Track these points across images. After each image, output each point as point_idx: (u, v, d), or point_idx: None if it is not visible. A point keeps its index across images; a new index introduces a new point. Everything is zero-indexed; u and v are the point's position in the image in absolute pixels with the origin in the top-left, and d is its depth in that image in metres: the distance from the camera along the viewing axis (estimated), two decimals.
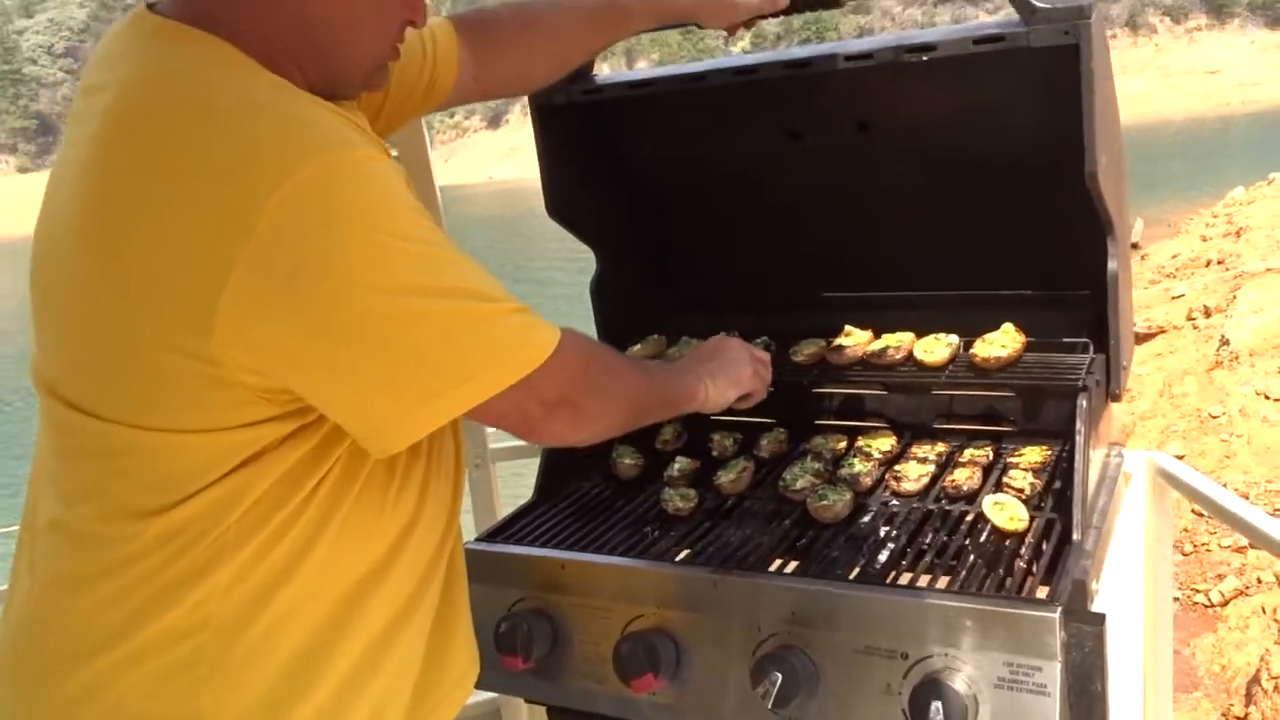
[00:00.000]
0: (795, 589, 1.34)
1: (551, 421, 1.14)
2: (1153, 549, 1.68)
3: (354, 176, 0.96)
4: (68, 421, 1.07)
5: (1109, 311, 1.53)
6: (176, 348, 0.96)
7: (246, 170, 0.93)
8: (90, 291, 1.01)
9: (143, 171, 0.97)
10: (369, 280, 0.95)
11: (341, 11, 1.08)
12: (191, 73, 1.01)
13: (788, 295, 1.81)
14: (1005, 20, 1.44)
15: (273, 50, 1.05)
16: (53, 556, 1.09)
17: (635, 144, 1.90)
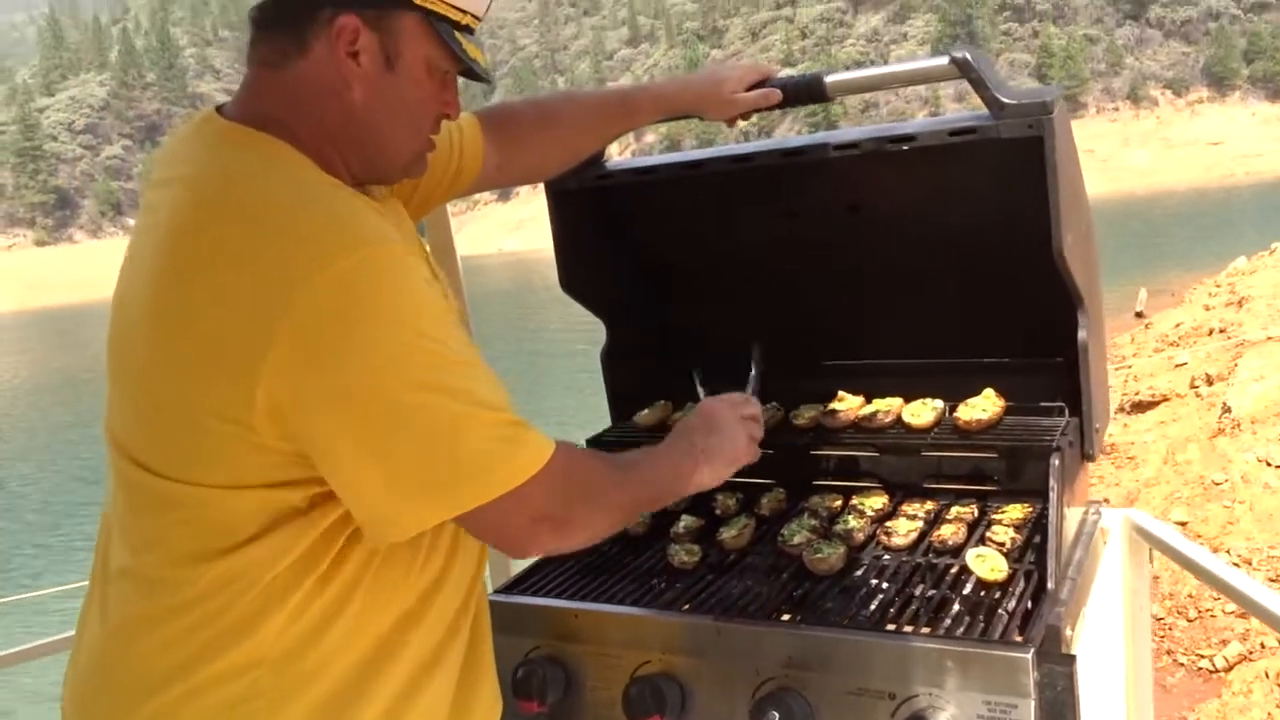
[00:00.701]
0: (792, 635, 1.45)
1: (537, 535, 1.19)
2: (1130, 600, 1.78)
3: (386, 272, 1.07)
4: (133, 476, 1.17)
5: (1081, 378, 1.65)
6: (224, 415, 1.07)
7: (292, 256, 1.05)
8: (155, 361, 1.13)
9: (205, 258, 1.09)
10: (386, 370, 1.05)
11: (383, 108, 1.20)
12: (251, 172, 1.14)
13: (785, 363, 1.93)
14: (977, 113, 1.59)
15: (321, 144, 1.18)
16: (122, 601, 1.19)
17: (642, 224, 2.05)
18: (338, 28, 1.16)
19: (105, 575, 1.23)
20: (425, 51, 1.21)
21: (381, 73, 1.19)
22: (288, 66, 1.18)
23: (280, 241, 1.07)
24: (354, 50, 1.17)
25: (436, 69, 1.23)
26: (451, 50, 1.21)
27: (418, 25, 1.19)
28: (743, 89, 1.67)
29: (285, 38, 1.18)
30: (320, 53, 1.17)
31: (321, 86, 1.18)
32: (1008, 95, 1.52)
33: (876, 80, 1.68)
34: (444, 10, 1.20)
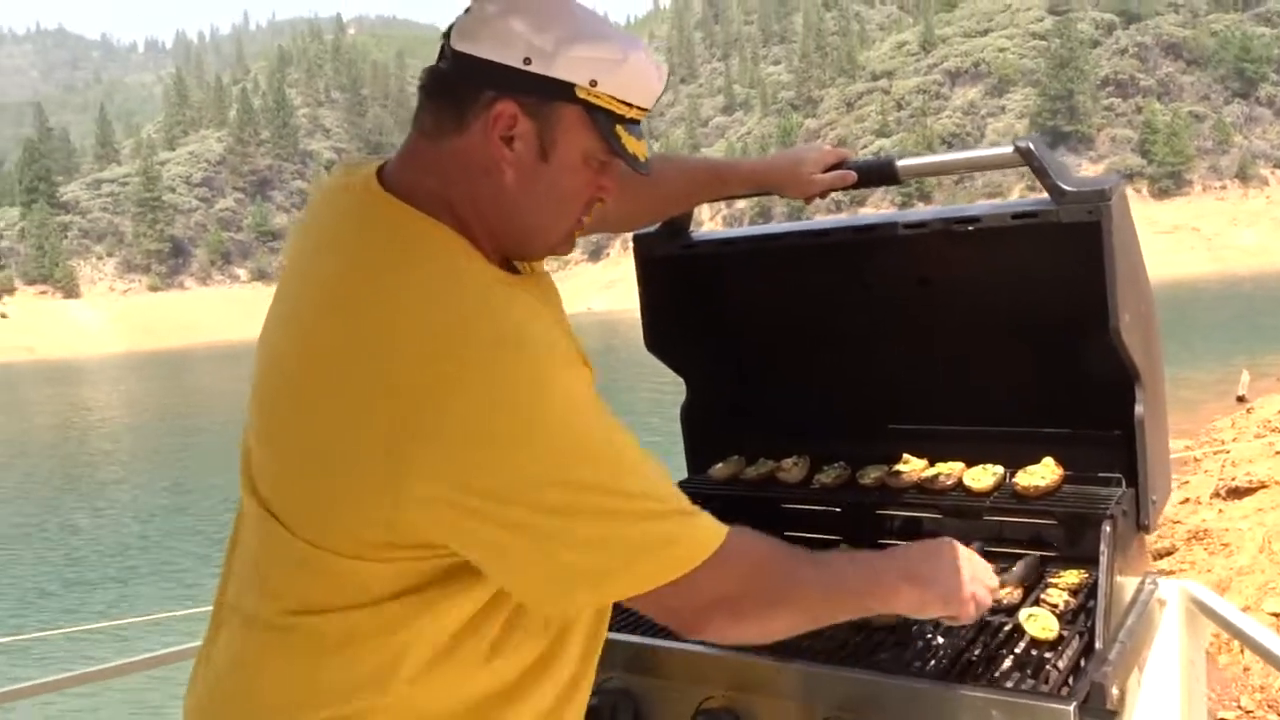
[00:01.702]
0: (848, 678, 1.54)
1: (708, 620, 1.18)
2: (1186, 670, 1.82)
3: (540, 380, 1.07)
4: (269, 528, 1.20)
5: (1138, 451, 1.73)
6: (379, 504, 1.08)
7: (454, 359, 1.06)
8: (305, 433, 1.15)
9: (366, 343, 1.11)
10: (544, 475, 1.05)
11: (533, 193, 1.20)
12: (415, 262, 1.15)
13: (854, 425, 2.05)
14: (1041, 199, 1.70)
15: (471, 220, 1.20)
16: (248, 639, 1.22)
17: (724, 291, 2.19)
18: (495, 113, 1.16)
19: (229, 609, 1.28)
20: (583, 143, 1.19)
21: (535, 160, 1.18)
22: (445, 140, 1.19)
23: (443, 343, 1.07)
24: (509, 136, 1.16)
25: (592, 159, 1.21)
26: (609, 145, 1.20)
27: (578, 117, 1.18)
28: (820, 170, 1.80)
29: (447, 112, 1.19)
30: (476, 133, 1.17)
31: (475, 165, 1.18)
32: (1068, 183, 1.63)
33: (944, 166, 1.82)
34: (606, 104, 1.18)
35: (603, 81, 1.16)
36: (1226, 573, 7.46)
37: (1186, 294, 53.14)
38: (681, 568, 1.12)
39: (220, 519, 19.80)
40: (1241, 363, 21.83)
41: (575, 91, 1.16)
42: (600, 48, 1.16)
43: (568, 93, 1.16)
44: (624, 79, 1.18)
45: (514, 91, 1.15)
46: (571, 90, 1.16)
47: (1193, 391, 20.26)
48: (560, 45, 1.14)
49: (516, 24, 1.15)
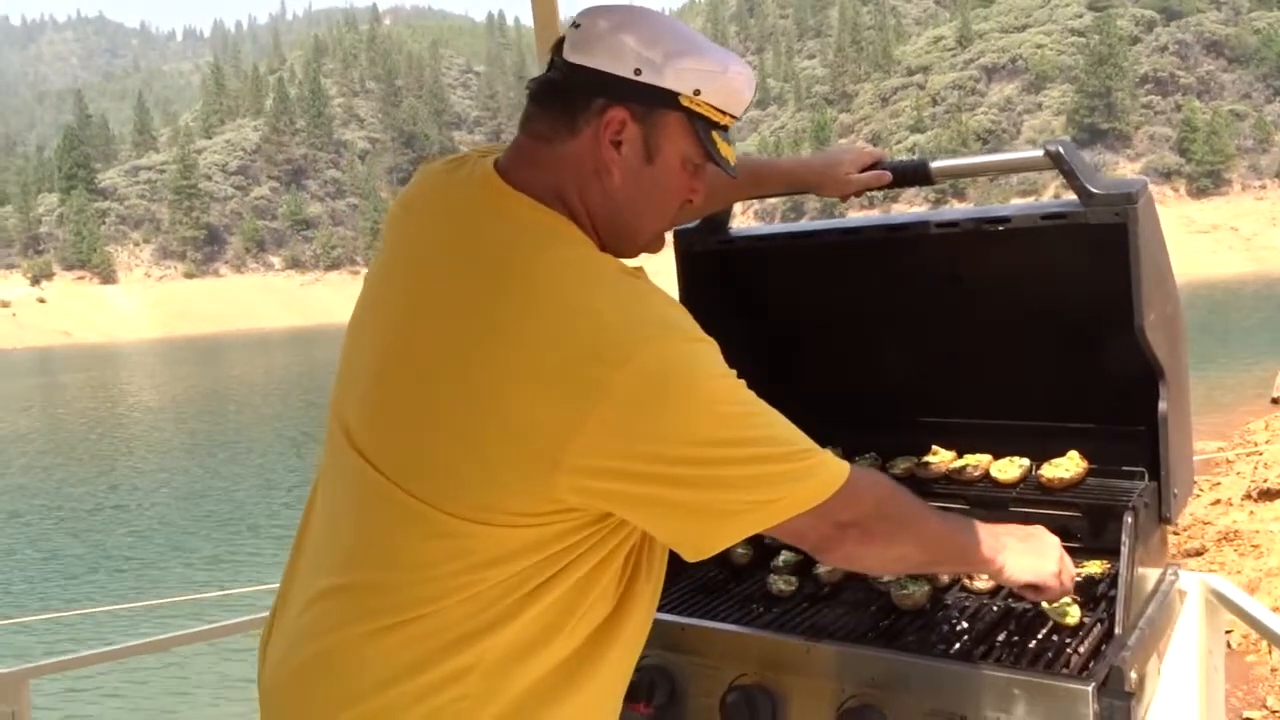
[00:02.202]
0: (876, 658, 1.61)
1: (843, 541, 1.31)
2: (1204, 659, 1.88)
3: (681, 362, 1.19)
4: (387, 494, 1.27)
5: (1160, 445, 1.79)
6: (521, 475, 1.19)
7: (599, 348, 1.16)
8: (447, 411, 1.23)
9: (510, 333, 1.20)
10: (693, 439, 1.17)
11: (637, 194, 1.32)
12: (555, 257, 1.24)
13: (884, 417, 2.11)
14: (1069, 200, 1.76)
15: (579, 218, 1.31)
16: (352, 605, 1.28)
17: (760, 285, 2.26)
18: (607, 119, 1.27)
19: (316, 579, 1.34)
20: (683, 147, 1.31)
21: (641, 164, 1.30)
22: (557, 143, 1.30)
23: (587, 336, 1.18)
24: (618, 140, 1.28)
25: (690, 162, 1.33)
26: (706, 149, 1.32)
27: (680, 123, 1.30)
28: (857, 170, 1.87)
29: (559, 117, 1.30)
30: (587, 137, 1.28)
31: (586, 166, 1.29)
32: (1097, 186, 1.69)
33: (977, 168, 1.87)
34: (706, 112, 1.30)
35: (705, 91, 1.29)
36: (1256, 574, 7.43)
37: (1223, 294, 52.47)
38: (818, 497, 1.25)
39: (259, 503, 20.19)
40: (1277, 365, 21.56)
41: (679, 100, 1.28)
42: (703, 60, 1.29)
43: (673, 101, 1.28)
44: (723, 89, 1.31)
45: (624, 99, 1.27)
46: (676, 99, 1.28)
47: (1227, 393, 20.08)
48: (668, 58, 1.27)
49: (628, 39, 1.27)
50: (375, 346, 1.35)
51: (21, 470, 27.44)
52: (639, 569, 1.37)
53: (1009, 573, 1.48)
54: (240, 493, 21.61)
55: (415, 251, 1.36)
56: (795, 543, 1.35)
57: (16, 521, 20.61)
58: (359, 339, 1.39)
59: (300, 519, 1.47)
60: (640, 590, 1.38)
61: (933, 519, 1.43)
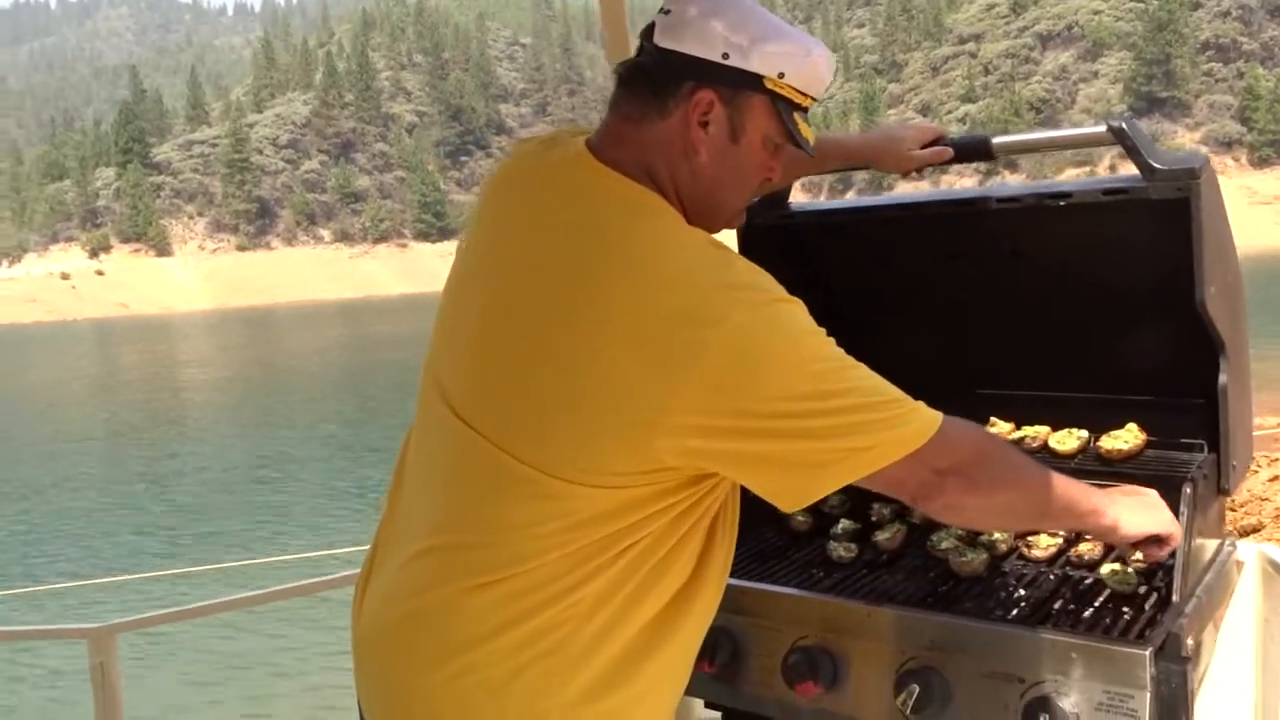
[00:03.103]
0: (935, 621, 1.66)
1: (944, 489, 1.33)
2: (1261, 628, 1.90)
3: (772, 320, 1.26)
4: (488, 455, 1.33)
5: (1220, 418, 1.81)
6: (620, 436, 1.25)
7: (693, 313, 1.22)
8: (551, 381, 1.30)
9: (610, 304, 1.26)
10: (787, 394, 1.23)
11: (722, 173, 1.39)
12: (649, 230, 1.31)
13: (943, 390, 2.14)
14: (1131, 175, 1.77)
15: (668, 196, 1.37)
16: (452, 563, 1.34)
17: (821, 259, 2.29)
18: (696, 100, 1.34)
19: (413, 538, 1.41)
20: (765, 128, 1.38)
21: (726, 143, 1.37)
22: (647, 123, 1.37)
23: (681, 299, 1.24)
24: (705, 120, 1.35)
25: (770, 142, 1.40)
26: (788, 130, 1.38)
27: (764, 105, 1.36)
28: (917, 146, 1.90)
29: (649, 99, 1.37)
30: (677, 118, 1.35)
31: (674, 146, 1.36)
32: (1160, 161, 1.71)
33: (1039, 144, 1.89)
34: (788, 94, 1.36)
35: (789, 74, 1.36)
36: None
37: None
38: (914, 442, 1.28)
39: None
40: None
41: (764, 83, 1.35)
42: (788, 45, 1.36)
43: (758, 84, 1.35)
44: (806, 72, 1.37)
45: (712, 82, 1.34)
46: (761, 81, 1.35)
47: None
48: (755, 43, 1.33)
49: (716, 24, 1.33)
50: (477, 314, 1.41)
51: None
52: (715, 533, 1.43)
53: (1125, 529, 1.48)
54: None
55: (515, 225, 1.43)
56: (894, 493, 1.37)
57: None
58: (458, 306, 1.46)
59: (392, 478, 1.54)
60: (716, 555, 1.44)
61: (1035, 467, 1.44)
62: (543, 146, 1.48)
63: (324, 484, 19.54)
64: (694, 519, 1.38)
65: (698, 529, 1.40)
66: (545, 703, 1.32)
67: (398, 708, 1.40)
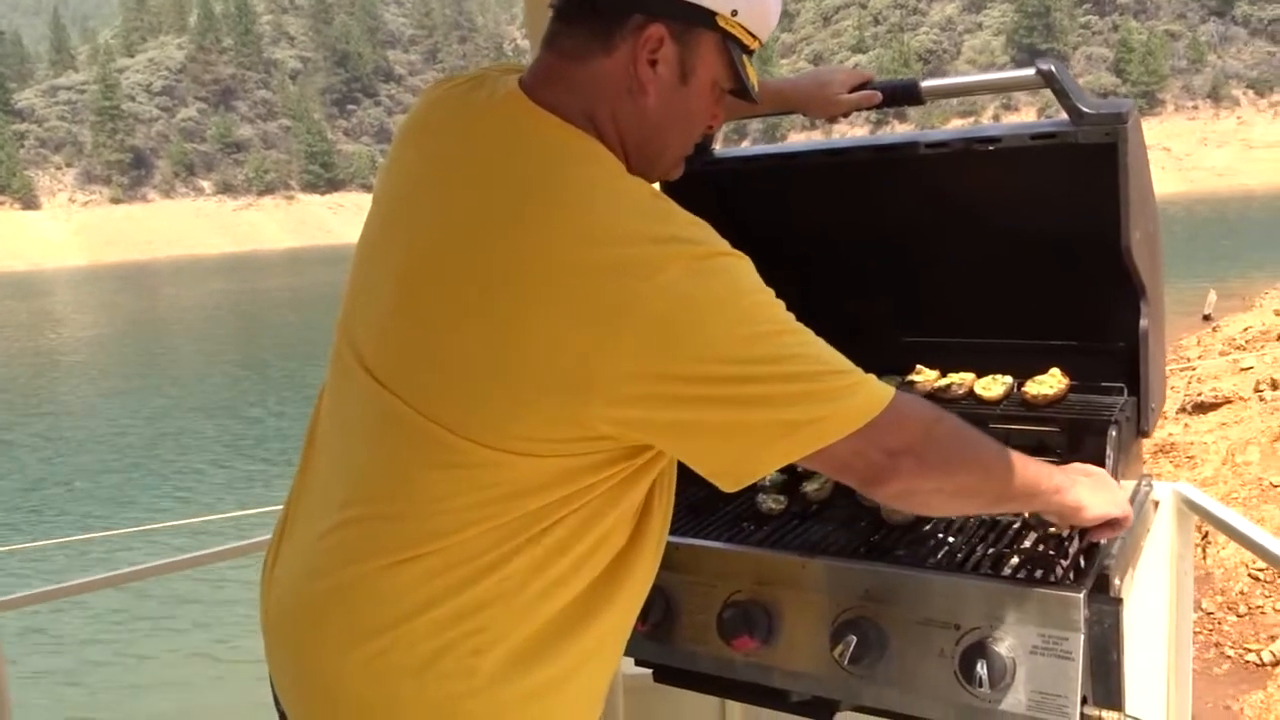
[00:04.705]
0: (869, 571, 1.65)
1: (896, 472, 1.23)
2: (1176, 565, 1.96)
3: (711, 276, 1.16)
4: (411, 423, 1.24)
5: (1140, 362, 1.84)
6: (548, 401, 1.16)
7: (624, 266, 1.13)
8: (478, 343, 1.19)
9: (535, 258, 1.16)
10: (723, 356, 1.14)
11: (669, 116, 1.30)
12: (578, 177, 1.22)
13: (868, 337, 2.13)
14: (1058, 120, 1.77)
15: (610, 139, 1.28)
16: (374, 536, 1.26)
17: (744, 207, 2.25)
18: (646, 36, 1.24)
19: (331, 504, 1.32)
20: (715, 70, 1.29)
21: (675, 84, 1.27)
22: (590, 61, 1.26)
23: (614, 251, 1.15)
24: (654, 59, 1.25)
25: (718, 87, 1.32)
26: (737, 72, 1.30)
27: (715, 45, 1.28)
28: (845, 90, 1.86)
29: (592, 34, 1.26)
30: (624, 55, 1.25)
31: (619, 86, 1.26)
32: (1088, 105, 1.70)
33: (968, 87, 1.88)
34: (739, 34, 1.28)
35: (741, 12, 1.27)
36: (1191, 483, 7.74)
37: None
38: (863, 417, 1.19)
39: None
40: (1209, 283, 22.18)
41: (716, 19, 1.25)
42: None
43: (710, 20, 1.25)
44: (759, 11, 1.29)
45: (663, 16, 1.24)
46: (714, 18, 1.25)
47: None
48: None
49: None
50: (392, 270, 1.31)
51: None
52: (652, 502, 1.37)
53: (1090, 510, 1.43)
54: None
55: (435, 173, 1.32)
56: (843, 476, 1.28)
57: None
58: (372, 261, 1.36)
59: (305, 442, 1.44)
60: (653, 525, 1.39)
61: (994, 446, 1.34)
62: (468, 86, 1.36)
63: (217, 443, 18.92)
64: (630, 491, 1.30)
65: (633, 500, 1.33)
66: (468, 683, 1.25)
67: (312, 690, 1.32)
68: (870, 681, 1.60)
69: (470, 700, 1.25)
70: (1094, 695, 1.51)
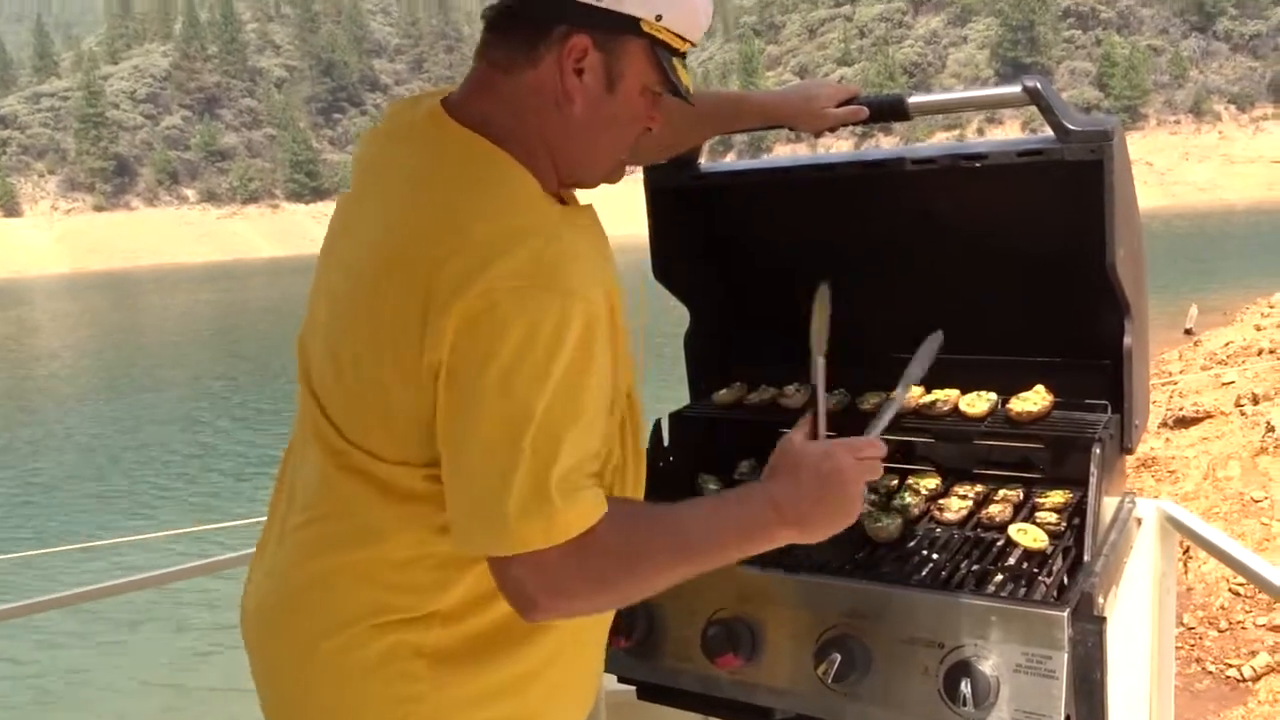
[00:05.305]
0: (853, 588, 1.65)
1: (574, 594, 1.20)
2: (1158, 582, 1.96)
3: (524, 308, 1.12)
4: (324, 435, 1.30)
5: (1124, 379, 1.84)
6: (416, 414, 1.19)
7: (472, 268, 1.13)
8: (360, 342, 1.25)
9: (417, 253, 1.18)
10: (489, 398, 1.12)
11: (598, 122, 1.29)
12: (480, 182, 1.23)
13: (854, 353, 2.12)
14: (1044, 137, 1.77)
15: (537, 149, 1.28)
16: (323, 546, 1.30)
17: (730, 222, 2.25)
18: (569, 46, 1.24)
19: (289, 514, 1.37)
20: (644, 75, 1.29)
21: (602, 92, 1.27)
22: (516, 72, 1.27)
23: (482, 250, 1.15)
24: (580, 67, 1.25)
25: (649, 90, 1.32)
26: (668, 76, 1.30)
27: (642, 51, 1.28)
28: (833, 105, 1.86)
29: (518, 45, 1.27)
30: (549, 65, 1.25)
31: (545, 96, 1.26)
32: (1073, 122, 1.70)
33: (954, 103, 1.88)
34: (667, 38, 1.28)
35: (666, 16, 1.27)
36: (1172, 498, 7.76)
37: None
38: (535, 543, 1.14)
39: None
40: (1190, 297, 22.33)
41: (641, 26, 1.25)
42: None
43: (635, 27, 1.25)
44: (684, 14, 1.29)
45: (586, 25, 1.24)
46: (638, 24, 1.25)
47: None
48: None
49: None
50: (325, 287, 1.35)
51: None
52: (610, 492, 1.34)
53: (812, 537, 1.36)
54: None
55: (364, 190, 1.36)
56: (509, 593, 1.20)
57: None
58: (319, 276, 1.39)
59: (285, 450, 1.47)
60: None
61: (675, 547, 1.28)
62: (408, 105, 1.38)
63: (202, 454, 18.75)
64: None
65: None
66: (414, 687, 1.27)
67: (278, 688, 1.37)
68: (854, 700, 1.60)
69: (420, 704, 1.27)
70: (1077, 714, 1.50)
